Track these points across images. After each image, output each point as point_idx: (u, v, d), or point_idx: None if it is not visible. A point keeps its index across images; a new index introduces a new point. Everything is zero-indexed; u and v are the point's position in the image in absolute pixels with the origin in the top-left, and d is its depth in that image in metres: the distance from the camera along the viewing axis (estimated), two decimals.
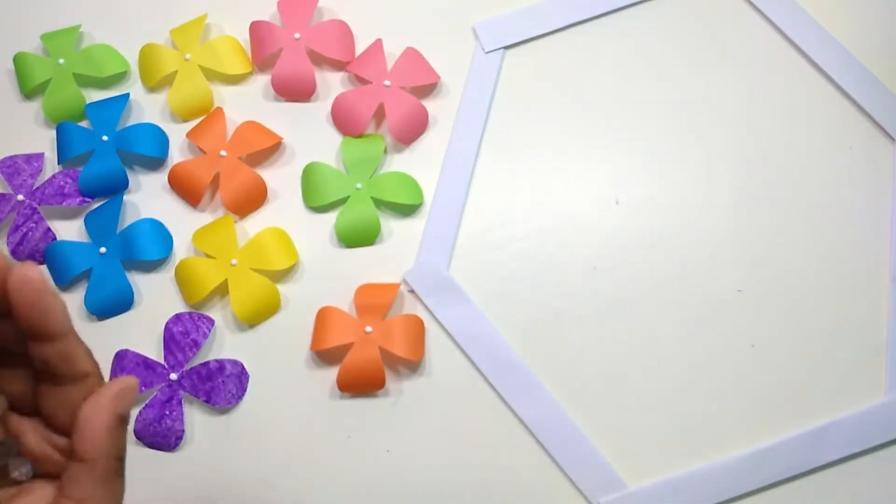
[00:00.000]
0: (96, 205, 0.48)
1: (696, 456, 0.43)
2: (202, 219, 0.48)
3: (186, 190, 0.48)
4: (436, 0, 0.53)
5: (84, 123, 0.50)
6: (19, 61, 0.51)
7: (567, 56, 0.51)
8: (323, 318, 0.45)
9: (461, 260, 0.47)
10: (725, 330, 0.45)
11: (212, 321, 0.45)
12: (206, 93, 0.50)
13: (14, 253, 0.47)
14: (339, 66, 0.51)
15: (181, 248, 0.48)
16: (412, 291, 0.46)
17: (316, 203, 0.48)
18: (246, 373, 0.45)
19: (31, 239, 0.47)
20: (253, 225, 0.48)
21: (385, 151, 0.49)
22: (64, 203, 0.48)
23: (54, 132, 0.50)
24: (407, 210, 0.48)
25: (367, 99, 0.49)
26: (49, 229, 0.47)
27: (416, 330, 0.44)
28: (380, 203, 0.48)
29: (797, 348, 0.45)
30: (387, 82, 0.49)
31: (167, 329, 0.45)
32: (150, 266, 0.47)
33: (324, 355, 0.45)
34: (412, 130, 0.49)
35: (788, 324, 0.45)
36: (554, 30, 0.52)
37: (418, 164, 0.49)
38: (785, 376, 0.44)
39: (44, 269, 0.47)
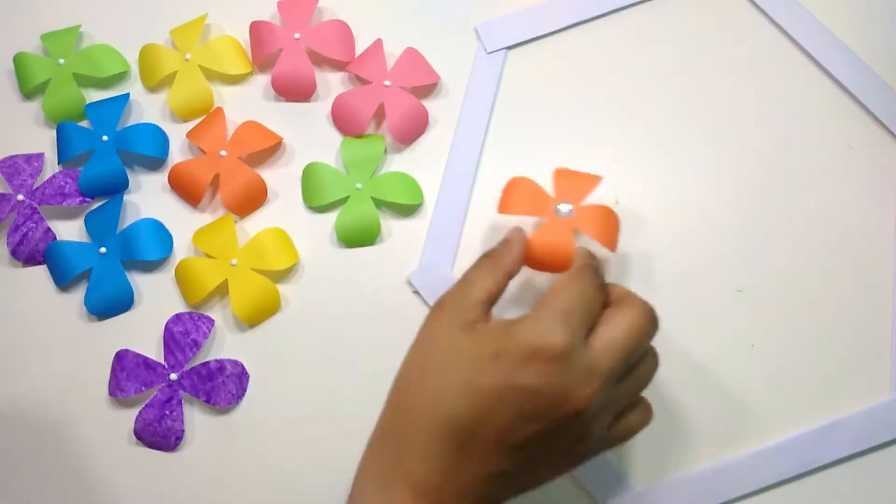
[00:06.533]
0: (96, 205, 0.48)
1: (703, 455, 0.43)
2: (202, 219, 0.48)
3: (186, 190, 0.48)
4: (437, 0, 0.53)
5: (84, 123, 0.50)
6: (19, 61, 0.51)
7: (570, 56, 0.51)
8: (513, 186, 0.44)
9: (464, 260, 0.47)
10: (726, 330, 0.45)
11: (212, 321, 0.45)
12: (207, 93, 0.50)
13: (14, 253, 0.47)
14: (339, 66, 0.51)
15: (181, 248, 0.48)
16: (416, 293, 0.46)
17: (316, 203, 0.48)
18: (246, 373, 0.45)
19: (31, 239, 0.47)
20: (253, 225, 0.48)
21: (385, 151, 0.49)
22: (64, 203, 0.47)
23: (54, 132, 0.50)
24: (407, 210, 0.48)
25: (367, 99, 0.49)
26: (49, 229, 0.47)
27: (613, 222, 0.43)
28: (380, 203, 0.48)
29: (799, 348, 0.45)
30: (387, 82, 0.49)
31: (167, 329, 0.44)
32: (151, 266, 0.47)
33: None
34: (412, 130, 0.49)
35: (790, 324, 0.45)
36: (556, 30, 0.52)
37: (418, 164, 0.49)
38: (788, 376, 0.44)
39: (43, 268, 0.47)
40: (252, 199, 0.48)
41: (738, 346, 0.45)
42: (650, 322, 0.36)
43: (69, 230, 0.48)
